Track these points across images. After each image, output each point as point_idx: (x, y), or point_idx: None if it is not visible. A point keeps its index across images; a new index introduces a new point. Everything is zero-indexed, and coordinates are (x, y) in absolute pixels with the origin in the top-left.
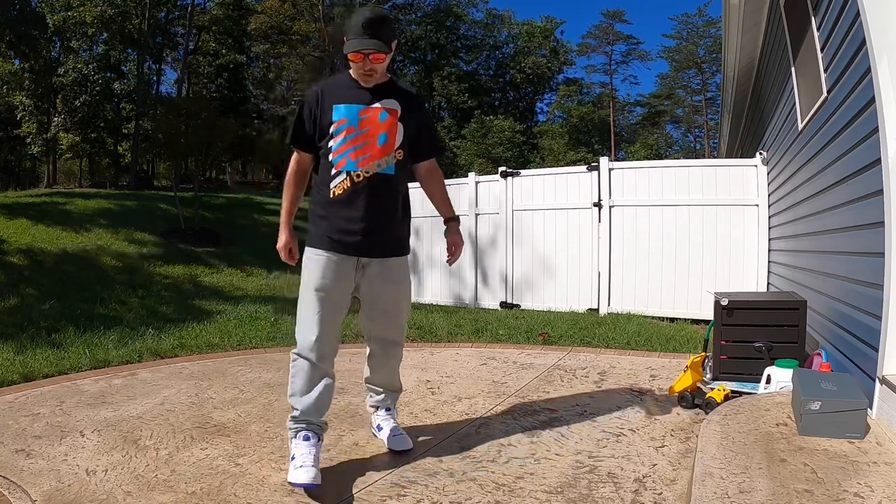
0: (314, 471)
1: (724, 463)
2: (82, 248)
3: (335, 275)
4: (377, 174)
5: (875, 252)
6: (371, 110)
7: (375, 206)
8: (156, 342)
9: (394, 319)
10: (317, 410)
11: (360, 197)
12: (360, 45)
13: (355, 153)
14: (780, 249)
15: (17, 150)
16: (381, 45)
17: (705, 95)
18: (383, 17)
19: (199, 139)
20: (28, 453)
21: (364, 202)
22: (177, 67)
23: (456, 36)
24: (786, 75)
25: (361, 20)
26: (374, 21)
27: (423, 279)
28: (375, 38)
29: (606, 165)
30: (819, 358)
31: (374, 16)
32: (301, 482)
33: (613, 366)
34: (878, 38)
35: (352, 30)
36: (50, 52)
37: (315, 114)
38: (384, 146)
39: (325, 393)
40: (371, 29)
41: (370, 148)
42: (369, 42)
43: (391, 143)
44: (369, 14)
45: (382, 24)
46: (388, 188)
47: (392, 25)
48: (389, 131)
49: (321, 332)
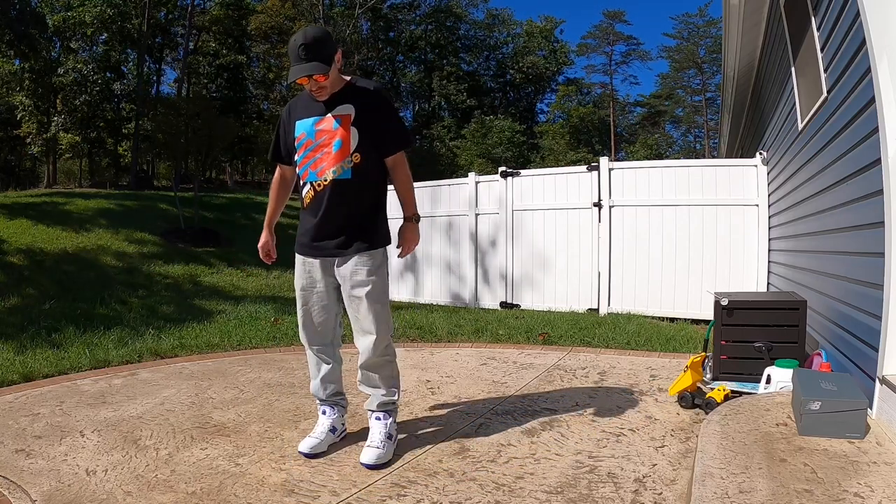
0: (314, 441)
1: (724, 463)
2: (82, 248)
3: (308, 276)
4: (335, 181)
5: (875, 252)
6: (325, 120)
7: (335, 210)
8: (156, 342)
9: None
10: (322, 389)
11: (322, 204)
12: (298, 71)
13: (314, 164)
14: (780, 249)
15: (17, 150)
16: (319, 67)
17: (705, 95)
18: (315, 38)
19: (199, 139)
20: (28, 453)
21: (324, 208)
22: (177, 67)
23: (456, 36)
24: (786, 75)
25: (297, 45)
26: (308, 45)
27: (421, 279)
28: (314, 61)
29: (606, 165)
30: (819, 358)
31: (307, 40)
32: (300, 450)
33: (613, 366)
34: (878, 38)
35: (291, 56)
36: (50, 52)
37: (285, 131)
38: (338, 153)
39: (326, 376)
40: (307, 53)
41: (326, 157)
42: (307, 67)
43: (346, 149)
44: (301, 39)
45: (316, 45)
46: (347, 192)
47: (328, 42)
48: (343, 137)
49: (304, 324)
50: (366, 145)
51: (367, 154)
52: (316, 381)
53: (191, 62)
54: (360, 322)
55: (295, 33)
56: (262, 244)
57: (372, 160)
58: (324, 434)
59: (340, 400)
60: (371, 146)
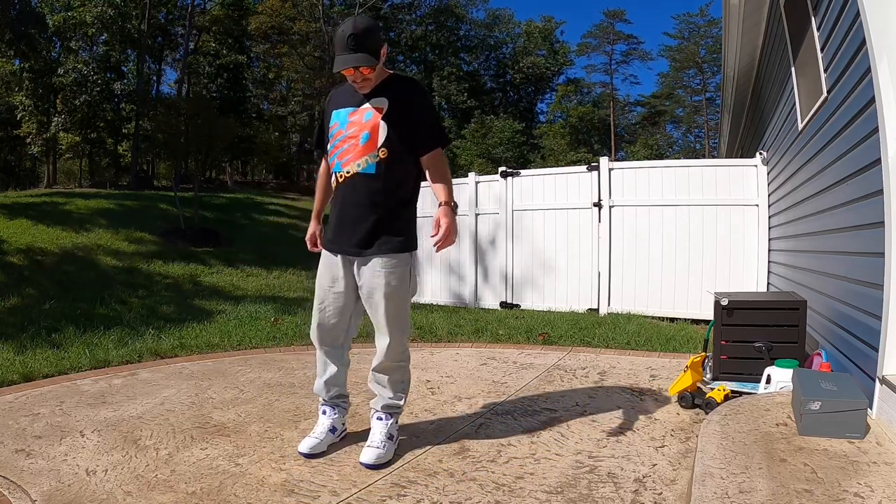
0: (314, 441)
1: (724, 463)
2: (82, 248)
3: (329, 271)
4: (357, 174)
5: (875, 252)
6: (359, 112)
7: (353, 205)
8: (156, 342)
9: (380, 315)
10: (325, 390)
11: (342, 197)
12: (345, 62)
13: (341, 155)
14: (780, 249)
15: (17, 150)
16: (367, 59)
17: (705, 95)
18: (365, 29)
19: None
20: (28, 453)
21: (344, 202)
22: (177, 67)
23: (456, 36)
24: (786, 75)
25: (345, 35)
26: (357, 35)
27: (422, 278)
28: (361, 52)
29: (606, 165)
30: (819, 358)
31: (356, 30)
32: (300, 450)
33: (613, 366)
34: (878, 38)
35: (337, 45)
36: (50, 52)
37: (324, 120)
38: (365, 146)
39: (331, 378)
40: (355, 43)
41: (353, 149)
42: (355, 58)
43: (373, 143)
44: (351, 29)
45: (366, 36)
46: (368, 188)
47: (376, 33)
48: (371, 130)
49: (318, 321)
50: (395, 140)
51: (395, 150)
52: (320, 380)
53: (191, 62)
54: (377, 325)
55: (344, 22)
56: (308, 234)
57: (401, 157)
58: (324, 434)
59: (342, 402)
60: (401, 142)
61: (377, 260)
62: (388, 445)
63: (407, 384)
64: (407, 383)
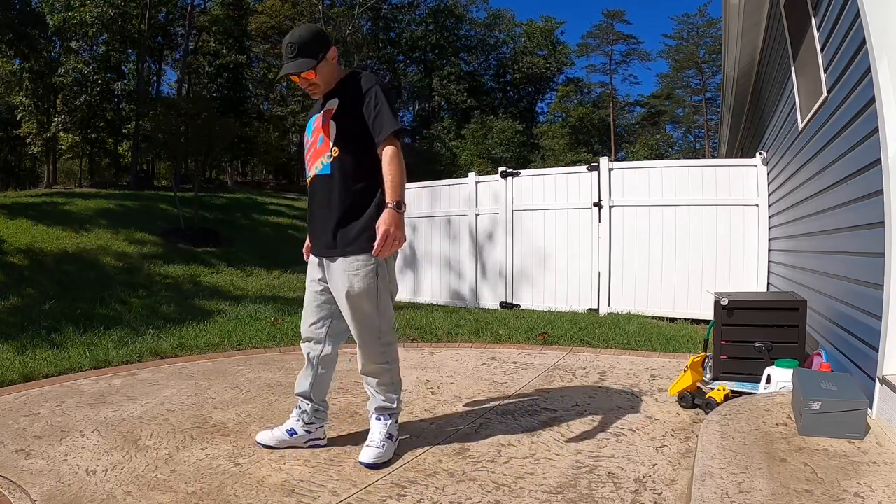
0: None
1: (724, 463)
2: (82, 248)
3: (310, 272)
4: (316, 176)
5: (875, 252)
6: (319, 117)
7: (317, 208)
8: (156, 342)
9: (348, 318)
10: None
11: (309, 200)
12: (285, 69)
13: (308, 162)
14: (780, 249)
15: (17, 150)
16: (306, 63)
17: (705, 95)
18: (302, 36)
19: (199, 139)
20: (28, 453)
21: (310, 205)
22: (177, 67)
23: (456, 36)
24: (786, 75)
25: (285, 44)
26: (295, 43)
27: (421, 278)
28: (300, 58)
29: (606, 165)
30: (819, 358)
31: (293, 38)
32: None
33: (613, 366)
34: (878, 38)
35: (283, 55)
36: (50, 52)
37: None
38: (320, 148)
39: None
40: (295, 50)
41: (314, 153)
42: (292, 65)
43: (326, 143)
44: (289, 38)
45: (303, 42)
46: (327, 189)
47: (317, 38)
48: (324, 132)
49: (303, 319)
50: (346, 138)
51: (347, 147)
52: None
53: (191, 62)
54: (350, 328)
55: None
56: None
57: (355, 154)
58: (281, 432)
59: (301, 403)
60: (352, 138)
61: (341, 261)
62: (387, 445)
63: (397, 385)
64: (397, 384)
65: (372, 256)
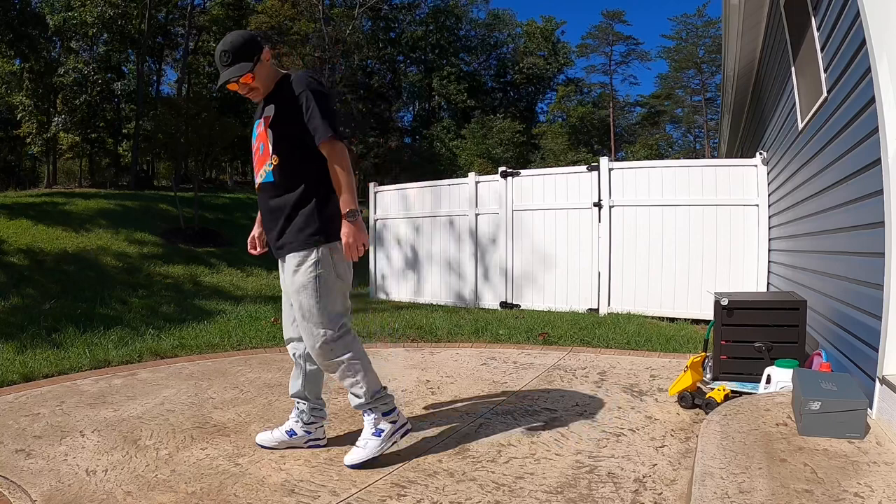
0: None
1: (724, 463)
2: (82, 248)
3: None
4: (261, 184)
5: (875, 252)
6: (259, 124)
7: (264, 213)
8: (156, 342)
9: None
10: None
11: (259, 206)
12: (224, 77)
13: (255, 169)
14: (780, 249)
15: (17, 150)
16: (240, 68)
17: (705, 95)
18: (233, 42)
19: (199, 139)
20: (28, 453)
21: (260, 211)
22: (177, 68)
23: (456, 36)
24: (786, 75)
25: (218, 53)
26: (227, 51)
27: (422, 278)
28: (233, 65)
29: (606, 165)
30: (819, 358)
31: (225, 45)
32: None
33: (613, 366)
34: (878, 38)
35: (218, 66)
36: (50, 52)
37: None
38: (262, 157)
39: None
40: (228, 57)
41: (256, 161)
42: (229, 71)
43: (266, 152)
44: (221, 45)
45: (235, 48)
46: (271, 195)
47: (248, 43)
48: (264, 140)
49: (283, 320)
50: (284, 145)
51: (286, 154)
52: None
53: (191, 62)
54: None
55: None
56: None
57: (294, 159)
58: (280, 433)
59: (299, 403)
60: (289, 144)
61: (288, 258)
62: (372, 443)
63: (360, 378)
64: (360, 377)
65: (318, 251)
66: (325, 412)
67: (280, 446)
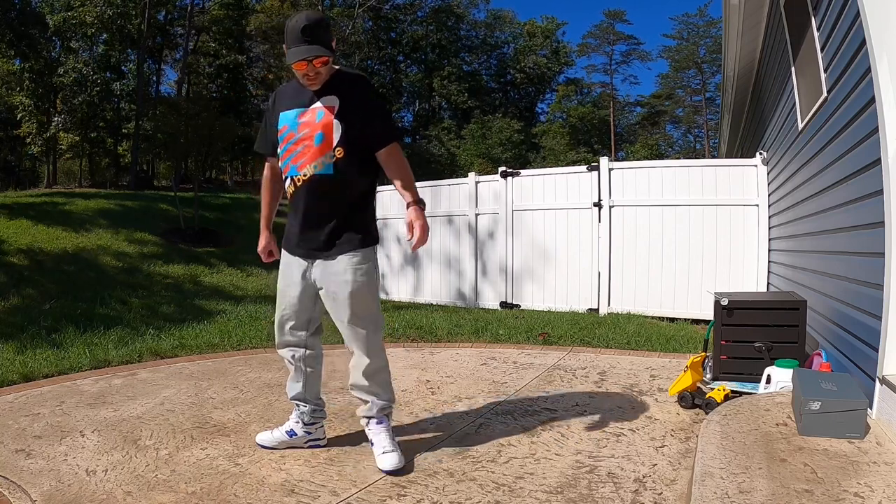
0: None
1: (724, 463)
2: (82, 248)
3: (290, 274)
4: (314, 176)
5: (875, 252)
6: (309, 111)
7: (313, 208)
8: (156, 342)
9: (342, 320)
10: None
11: (301, 200)
12: (299, 53)
13: (295, 158)
14: (780, 249)
15: (17, 150)
16: (321, 50)
17: (705, 95)
18: (318, 21)
19: (199, 139)
20: (28, 453)
21: (303, 205)
22: (177, 68)
23: (457, 36)
24: (786, 75)
25: (299, 27)
26: (312, 27)
27: (422, 278)
28: (315, 44)
29: (606, 165)
30: (819, 358)
31: (311, 21)
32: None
33: (613, 366)
34: (878, 38)
35: (291, 38)
36: (50, 52)
37: (269, 122)
38: (320, 147)
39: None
40: (310, 35)
41: (307, 151)
42: (309, 48)
43: (328, 143)
44: (305, 20)
45: (320, 28)
46: (327, 189)
47: (328, 26)
48: (325, 130)
49: (278, 326)
50: (350, 139)
51: (351, 149)
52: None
53: (190, 62)
54: (345, 328)
55: (295, 16)
56: (261, 247)
57: (357, 155)
58: (281, 434)
59: (301, 405)
60: (356, 140)
61: (342, 258)
62: (398, 448)
63: (391, 382)
64: (390, 381)
65: (372, 252)
66: (324, 412)
67: (280, 446)
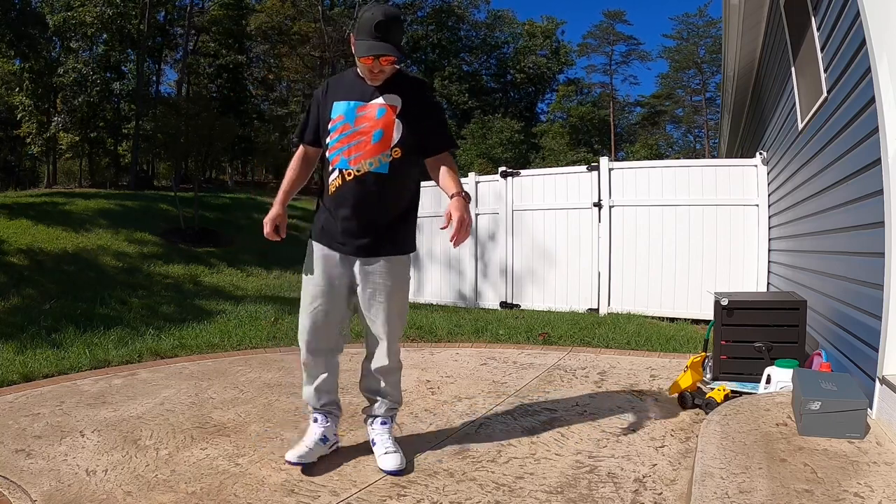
0: (303, 450)
1: (724, 463)
2: (82, 248)
3: (326, 269)
4: (369, 173)
5: (875, 252)
6: (369, 107)
7: (364, 205)
8: (156, 342)
9: (380, 317)
10: (316, 398)
11: (350, 195)
12: (372, 49)
13: (348, 151)
14: (780, 249)
15: (17, 150)
16: (393, 50)
17: (705, 95)
18: (395, 18)
19: (199, 139)
20: (28, 453)
21: (353, 201)
22: (176, 68)
23: (457, 36)
24: (786, 75)
25: (374, 21)
26: (387, 23)
27: (423, 277)
28: (387, 42)
29: (606, 165)
30: (819, 358)
31: (386, 17)
32: (287, 458)
33: (613, 366)
34: (878, 37)
35: (363, 30)
36: (50, 52)
37: (319, 110)
38: (378, 144)
39: (322, 385)
40: (383, 31)
41: (364, 146)
42: (382, 46)
43: (387, 141)
44: (381, 16)
45: (394, 26)
46: (381, 188)
47: (402, 25)
48: (386, 128)
49: (311, 324)
50: (408, 140)
51: (408, 150)
52: (310, 388)
53: (190, 62)
54: (376, 327)
55: (368, 7)
56: (270, 217)
57: (412, 157)
58: (313, 443)
59: (334, 409)
60: (413, 142)
61: (386, 260)
62: (400, 448)
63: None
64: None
65: (409, 259)
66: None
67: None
